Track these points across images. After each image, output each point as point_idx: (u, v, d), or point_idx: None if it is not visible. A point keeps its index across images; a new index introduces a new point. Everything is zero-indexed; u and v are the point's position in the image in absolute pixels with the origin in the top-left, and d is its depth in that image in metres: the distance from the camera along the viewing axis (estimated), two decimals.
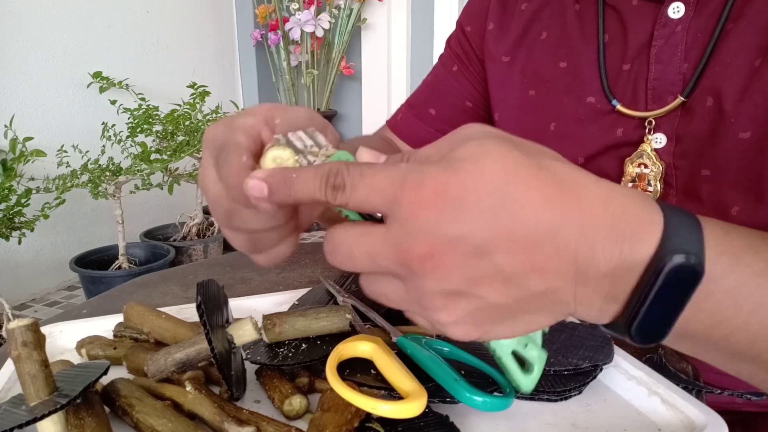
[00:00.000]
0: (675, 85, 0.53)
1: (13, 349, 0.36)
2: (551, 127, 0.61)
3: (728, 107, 0.49)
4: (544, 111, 0.62)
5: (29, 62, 2.01)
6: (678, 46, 0.53)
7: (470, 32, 0.70)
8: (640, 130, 0.55)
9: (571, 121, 0.60)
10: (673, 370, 0.47)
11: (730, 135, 0.50)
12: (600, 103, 0.58)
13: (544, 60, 0.62)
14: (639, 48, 0.55)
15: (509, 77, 0.66)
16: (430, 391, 0.38)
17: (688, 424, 0.39)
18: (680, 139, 0.54)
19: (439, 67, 0.75)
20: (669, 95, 0.53)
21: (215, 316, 0.42)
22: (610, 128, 0.57)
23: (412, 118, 0.76)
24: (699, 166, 0.53)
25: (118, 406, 0.40)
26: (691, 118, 0.53)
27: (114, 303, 0.64)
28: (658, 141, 0.55)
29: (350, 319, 0.47)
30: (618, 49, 0.57)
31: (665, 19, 0.53)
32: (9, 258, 1.99)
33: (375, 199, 0.26)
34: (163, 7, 2.52)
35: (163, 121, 2.03)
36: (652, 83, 0.54)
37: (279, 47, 2.77)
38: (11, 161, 1.64)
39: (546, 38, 0.63)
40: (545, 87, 0.62)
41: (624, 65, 0.56)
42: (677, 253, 0.25)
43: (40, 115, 2.06)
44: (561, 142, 0.60)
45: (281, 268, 0.76)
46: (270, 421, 0.38)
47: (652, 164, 0.55)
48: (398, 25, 2.89)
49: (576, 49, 0.60)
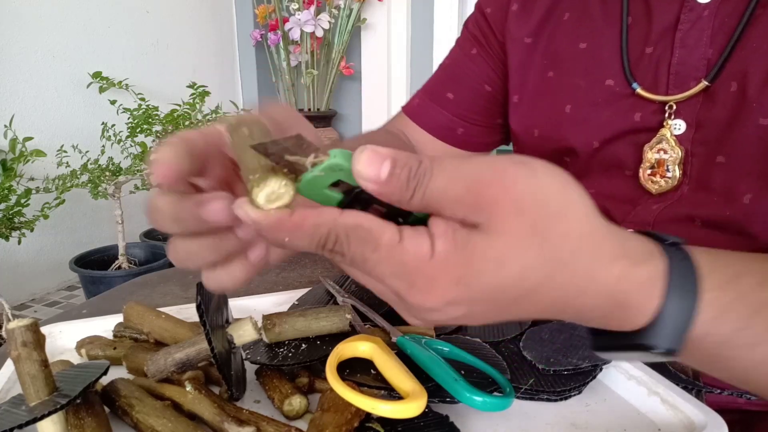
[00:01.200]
0: (698, 70, 0.52)
1: (13, 349, 0.36)
2: (567, 110, 0.60)
3: (752, 92, 0.49)
4: (560, 93, 0.61)
5: (29, 62, 2.01)
6: (704, 30, 0.52)
7: (490, 14, 0.69)
8: (658, 115, 0.55)
9: (587, 103, 0.59)
10: (672, 370, 0.47)
11: (750, 121, 0.49)
12: (619, 86, 0.57)
13: (564, 40, 0.61)
14: (663, 31, 0.54)
15: (530, 59, 0.64)
16: (430, 391, 0.38)
17: (688, 424, 0.39)
18: (700, 125, 0.53)
19: (457, 51, 0.73)
20: (692, 80, 0.53)
21: (215, 316, 0.42)
22: (627, 112, 0.56)
23: (429, 104, 0.73)
24: (715, 152, 0.52)
25: (118, 406, 0.40)
26: (713, 104, 0.52)
27: (114, 303, 0.64)
28: (678, 127, 0.54)
29: (350, 319, 0.47)
30: (641, 31, 0.56)
31: (692, 3, 0.53)
32: (9, 258, 1.99)
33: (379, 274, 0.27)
34: (163, 7, 2.52)
35: (162, 121, 2.03)
36: (675, 67, 0.54)
37: (279, 47, 2.77)
38: (11, 161, 1.64)
39: (568, 19, 0.62)
40: (563, 68, 0.61)
41: (647, 48, 0.55)
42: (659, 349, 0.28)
43: (40, 115, 2.06)
44: (576, 126, 0.59)
45: (281, 268, 0.76)
46: (270, 421, 0.38)
47: (671, 149, 0.54)
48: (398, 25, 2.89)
49: (597, 30, 0.59)
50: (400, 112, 0.76)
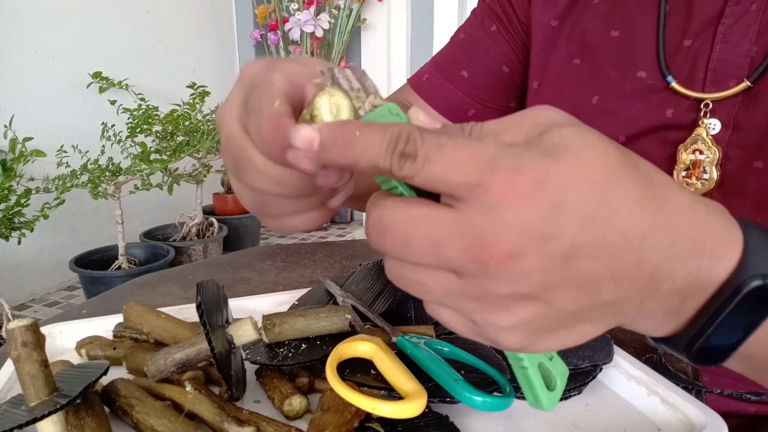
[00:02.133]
0: (740, 68, 0.49)
1: (13, 349, 0.36)
2: (593, 101, 0.57)
3: None
4: (587, 82, 0.58)
5: (29, 62, 2.01)
6: (750, 26, 0.49)
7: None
8: (692, 113, 0.52)
9: (616, 95, 0.55)
10: (672, 369, 0.47)
11: None
12: (651, 79, 0.53)
13: (594, 26, 0.57)
14: (704, 24, 0.51)
15: (555, 44, 0.60)
16: (429, 391, 0.38)
17: (688, 424, 0.39)
18: (738, 127, 0.50)
19: (474, 26, 0.67)
20: (731, 78, 0.50)
21: (215, 316, 0.42)
22: (659, 107, 0.53)
23: (440, 80, 0.68)
24: (753, 157, 0.49)
25: (117, 407, 0.40)
26: (754, 106, 0.49)
27: (114, 303, 0.64)
28: (713, 126, 0.51)
29: (350, 319, 0.47)
30: (680, 21, 0.52)
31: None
32: (9, 258, 1.99)
33: (453, 177, 0.22)
34: (163, 7, 2.52)
35: (162, 122, 2.03)
36: (714, 63, 0.50)
37: (279, 47, 2.77)
38: (11, 161, 1.64)
39: (599, 3, 0.58)
40: (592, 56, 0.57)
41: (685, 41, 0.52)
42: (756, 277, 0.24)
43: (39, 115, 2.06)
44: (603, 118, 0.56)
45: (281, 269, 0.76)
46: (270, 421, 0.38)
47: (707, 149, 0.51)
48: (398, 25, 2.89)
49: (632, 17, 0.55)
50: (406, 84, 0.72)
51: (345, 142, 0.24)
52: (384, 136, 0.23)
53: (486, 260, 0.22)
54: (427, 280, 0.24)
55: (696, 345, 0.25)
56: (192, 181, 2.20)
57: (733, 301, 0.24)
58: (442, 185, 0.23)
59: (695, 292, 0.25)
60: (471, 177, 0.22)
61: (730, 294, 0.24)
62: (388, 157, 0.23)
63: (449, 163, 0.22)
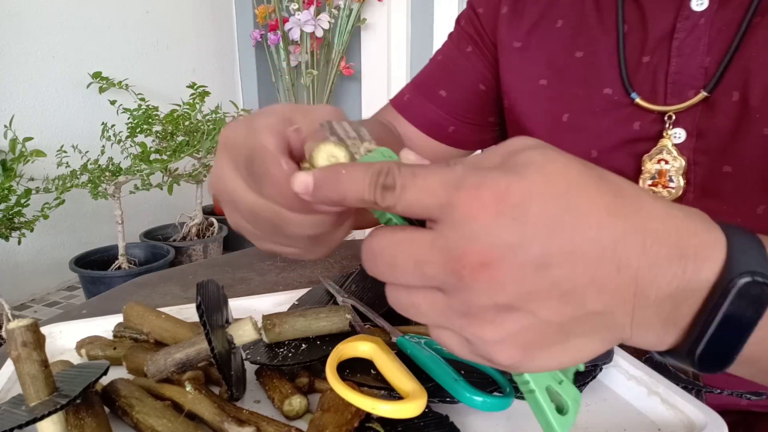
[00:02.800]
0: (696, 79, 0.52)
1: (13, 349, 0.36)
2: (564, 118, 0.60)
3: (754, 102, 0.48)
4: (556, 101, 0.60)
5: (29, 62, 2.01)
6: (701, 39, 0.51)
7: (482, 14, 0.68)
8: (657, 124, 0.54)
9: (585, 112, 0.58)
10: (672, 369, 0.47)
11: (754, 131, 0.49)
12: (617, 95, 0.56)
13: (558, 49, 0.60)
14: (659, 40, 0.54)
15: (520, 64, 0.64)
16: (429, 391, 0.38)
17: (688, 424, 0.39)
18: (701, 135, 0.52)
19: (451, 47, 0.72)
20: (690, 89, 0.52)
21: (215, 316, 0.42)
22: (626, 121, 0.56)
23: (420, 99, 0.71)
24: (720, 162, 0.51)
25: (118, 407, 0.40)
26: (713, 113, 0.51)
27: (114, 303, 0.64)
28: (678, 136, 0.53)
29: (350, 319, 0.47)
30: (637, 40, 0.55)
31: (688, 12, 0.52)
32: (9, 258, 1.99)
33: (427, 200, 0.24)
34: (163, 7, 2.52)
35: (162, 122, 2.03)
36: (672, 77, 0.53)
37: (279, 47, 2.77)
38: (11, 161, 1.64)
39: (561, 26, 0.61)
40: (559, 77, 0.60)
41: (643, 57, 0.55)
42: (744, 274, 0.24)
43: (39, 115, 2.06)
44: (574, 134, 0.59)
45: (281, 269, 0.76)
46: (270, 421, 0.38)
47: (673, 159, 0.53)
48: (398, 25, 2.89)
49: (594, 38, 0.58)
50: (389, 104, 0.75)
51: (334, 180, 0.26)
52: (367, 172, 0.26)
53: (461, 272, 0.24)
54: (419, 301, 0.26)
55: (698, 351, 0.25)
56: (192, 181, 2.20)
57: (725, 300, 0.24)
58: (420, 209, 0.25)
59: (686, 296, 0.25)
60: (441, 197, 0.24)
61: (721, 294, 0.24)
62: (371, 190, 0.25)
63: (422, 188, 0.24)
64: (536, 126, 0.63)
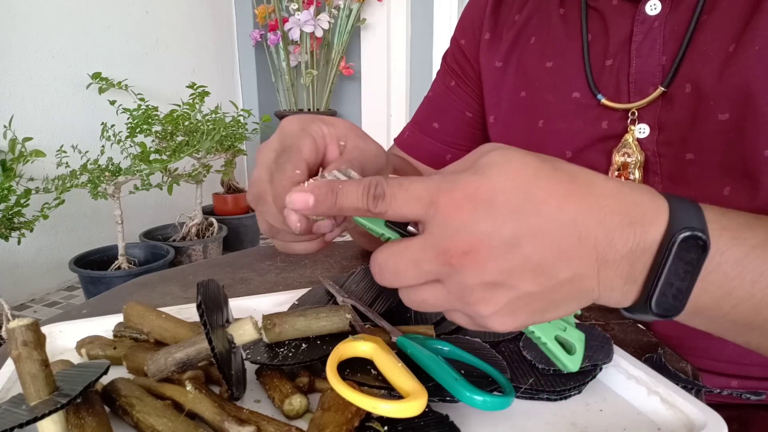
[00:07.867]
0: (655, 76, 0.56)
1: (14, 348, 0.36)
2: (539, 124, 0.64)
3: (706, 91, 0.52)
4: (532, 109, 0.65)
5: (29, 62, 2.01)
6: (656, 40, 0.56)
7: (465, 45, 0.74)
8: (623, 122, 0.58)
9: (558, 116, 0.63)
10: (672, 369, 0.47)
11: (710, 117, 0.52)
12: (585, 98, 0.61)
13: (532, 62, 0.66)
14: (620, 44, 0.58)
15: (502, 81, 0.69)
16: (430, 390, 0.38)
17: (688, 424, 0.39)
18: (663, 127, 0.56)
19: (439, 84, 0.79)
20: (650, 87, 0.56)
21: (215, 316, 0.42)
22: (595, 121, 0.60)
23: (418, 134, 0.79)
24: (683, 151, 0.55)
25: (118, 406, 0.40)
26: (671, 106, 0.55)
27: (114, 303, 0.64)
28: (642, 131, 0.57)
29: (350, 319, 0.47)
30: (601, 46, 0.60)
31: (643, 16, 0.57)
32: (9, 258, 1.99)
33: (412, 205, 0.30)
34: (163, 8, 2.53)
35: (162, 122, 2.03)
36: (633, 76, 0.57)
37: (278, 47, 2.78)
38: (11, 161, 1.64)
39: (534, 42, 0.66)
40: (533, 86, 0.65)
41: (607, 61, 0.59)
42: (684, 229, 0.30)
43: (39, 116, 2.06)
44: (550, 138, 0.63)
45: (281, 269, 0.76)
46: (270, 421, 0.38)
47: (633, 153, 0.58)
48: (398, 25, 2.90)
49: (561, 48, 0.63)
50: (394, 144, 0.83)
51: (332, 193, 0.32)
52: (359, 185, 0.31)
53: (450, 261, 0.29)
54: (426, 296, 0.31)
55: (653, 300, 0.30)
56: (192, 181, 2.20)
57: (670, 253, 0.30)
58: (408, 211, 0.30)
59: (639, 255, 0.30)
60: (424, 202, 0.30)
61: (667, 249, 0.30)
62: (364, 199, 0.31)
63: (408, 196, 0.30)
64: (518, 134, 0.68)
